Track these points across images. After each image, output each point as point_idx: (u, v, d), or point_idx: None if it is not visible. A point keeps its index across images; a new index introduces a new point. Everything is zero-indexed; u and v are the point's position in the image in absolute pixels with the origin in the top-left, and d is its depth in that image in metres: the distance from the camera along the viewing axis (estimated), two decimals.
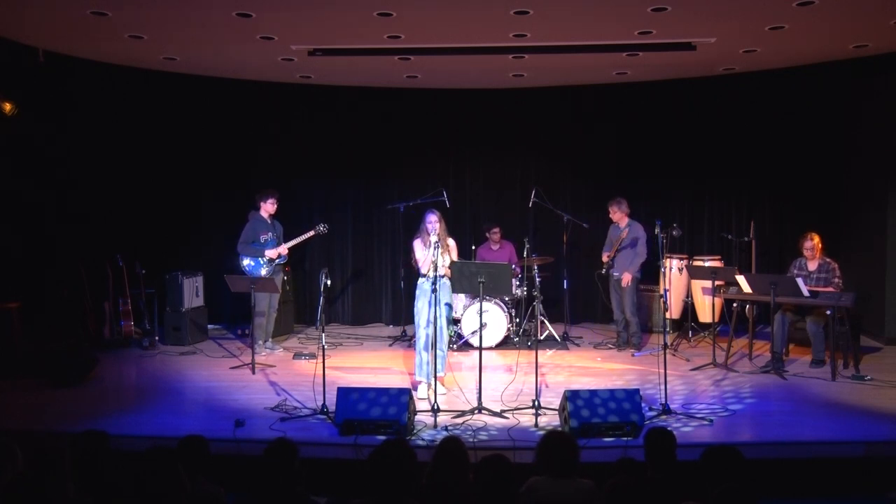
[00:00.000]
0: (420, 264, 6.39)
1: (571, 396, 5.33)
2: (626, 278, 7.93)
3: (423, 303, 6.35)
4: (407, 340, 8.51)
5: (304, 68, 8.37)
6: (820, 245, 7.37)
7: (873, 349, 8.07)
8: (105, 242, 8.65)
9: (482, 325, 6.33)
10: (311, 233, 8.21)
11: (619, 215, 8.08)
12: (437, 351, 6.20)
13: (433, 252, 6.19)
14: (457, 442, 3.78)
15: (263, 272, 7.96)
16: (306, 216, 9.31)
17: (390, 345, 8.56)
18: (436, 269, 6.12)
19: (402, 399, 5.37)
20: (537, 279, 7.82)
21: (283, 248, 8.04)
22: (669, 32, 6.86)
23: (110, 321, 8.44)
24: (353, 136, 9.71)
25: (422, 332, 6.38)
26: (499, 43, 7.19)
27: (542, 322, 8.39)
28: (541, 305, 7.88)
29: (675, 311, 8.55)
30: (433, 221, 6.31)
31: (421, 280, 6.41)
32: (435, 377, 6.12)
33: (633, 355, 7.90)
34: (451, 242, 6.41)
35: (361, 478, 3.35)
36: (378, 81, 9.18)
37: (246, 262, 7.98)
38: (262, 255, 7.97)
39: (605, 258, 8.14)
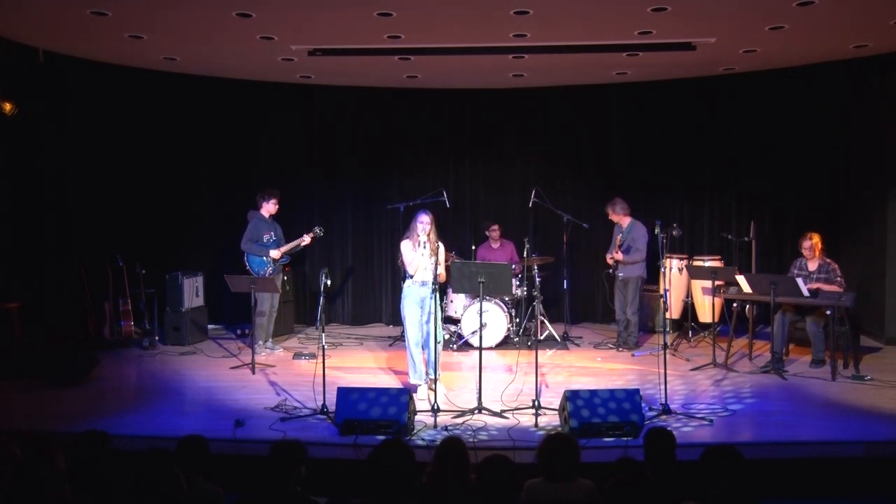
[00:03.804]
0: (408, 265, 6.34)
1: (571, 396, 5.33)
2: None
3: (410, 305, 6.31)
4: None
5: (304, 68, 8.37)
6: (819, 245, 7.36)
7: (873, 349, 8.07)
8: (105, 242, 8.65)
9: (482, 325, 6.32)
10: (308, 238, 8.10)
11: (616, 217, 8.10)
12: (433, 353, 6.16)
13: (422, 253, 6.17)
14: (458, 442, 3.78)
15: (269, 271, 7.97)
16: (306, 216, 9.30)
17: (390, 345, 8.56)
18: (436, 270, 6.09)
19: (402, 399, 5.37)
20: (537, 279, 7.82)
21: (277, 253, 8.00)
22: (669, 32, 6.86)
23: (110, 321, 8.44)
24: (353, 136, 9.71)
25: (412, 334, 6.35)
26: (499, 43, 7.19)
27: (542, 322, 8.40)
28: (541, 305, 7.88)
29: (675, 311, 8.55)
30: (425, 222, 6.20)
31: (408, 282, 6.37)
32: (435, 380, 6.12)
33: (633, 355, 7.90)
34: (440, 246, 6.33)
35: (361, 478, 3.35)
36: (378, 81, 9.18)
37: (255, 262, 7.96)
38: (268, 255, 7.97)
39: (608, 260, 8.17)
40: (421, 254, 6.19)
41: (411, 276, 6.33)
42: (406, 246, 6.31)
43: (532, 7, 6.04)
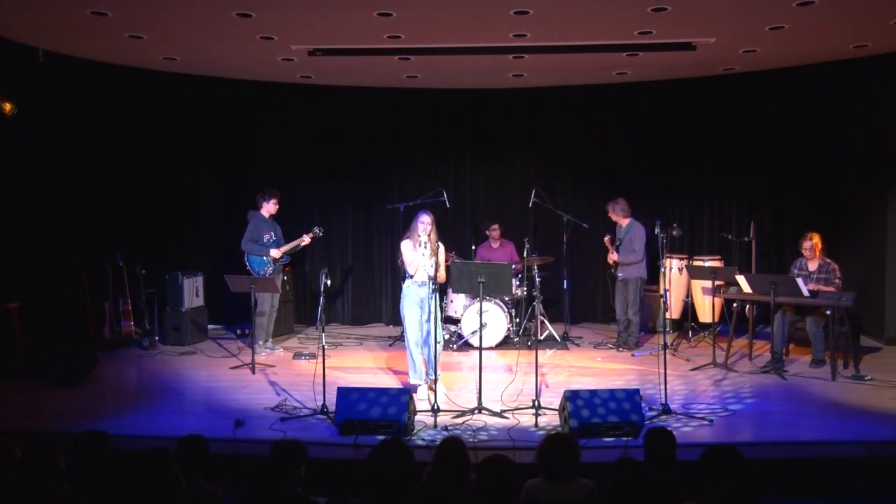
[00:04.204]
0: (408, 265, 6.33)
1: (571, 396, 5.33)
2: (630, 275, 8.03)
3: (410, 305, 6.31)
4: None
5: (304, 68, 8.37)
6: (820, 245, 7.36)
7: (873, 349, 8.07)
8: (105, 242, 8.65)
9: (482, 325, 6.32)
10: (307, 238, 8.12)
11: (615, 217, 8.11)
12: (433, 353, 6.15)
13: (422, 254, 6.16)
14: (458, 442, 3.78)
15: (270, 271, 7.97)
16: (306, 216, 9.31)
17: (390, 345, 8.55)
18: (436, 271, 6.10)
19: (402, 399, 5.37)
20: (537, 279, 7.82)
21: (277, 253, 8.01)
22: (669, 32, 6.86)
23: (110, 321, 8.44)
24: (353, 136, 9.71)
25: (412, 334, 6.35)
26: (499, 43, 7.19)
27: (542, 322, 8.39)
28: (541, 305, 7.87)
29: (675, 311, 8.55)
30: (426, 223, 6.20)
31: (408, 282, 6.36)
32: (435, 380, 6.12)
33: (633, 355, 7.90)
34: (441, 246, 6.33)
35: (361, 478, 3.35)
36: (378, 81, 9.18)
37: (255, 262, 7.97)
38: (268, 255, 7.97)
39: (609, 260, 8.18)
40: (421, 254, 6.19)
41: (411, 276, 6.32)
42: (406, 246, 6.30)
43: (532, 7, 6.04)
